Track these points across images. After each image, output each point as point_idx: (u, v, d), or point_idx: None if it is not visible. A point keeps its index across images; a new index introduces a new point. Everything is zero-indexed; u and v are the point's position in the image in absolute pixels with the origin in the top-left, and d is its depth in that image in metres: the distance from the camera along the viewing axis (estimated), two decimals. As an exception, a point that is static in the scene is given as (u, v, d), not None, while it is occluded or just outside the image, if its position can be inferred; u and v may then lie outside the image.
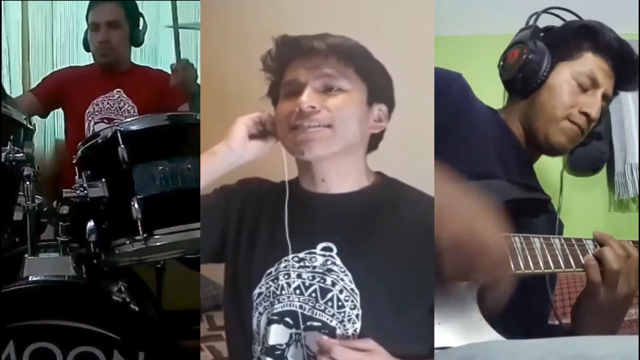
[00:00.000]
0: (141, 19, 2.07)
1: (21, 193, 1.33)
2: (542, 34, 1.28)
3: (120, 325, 1.26)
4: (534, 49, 1.23)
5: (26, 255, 1.31)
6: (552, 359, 0.80)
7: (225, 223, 1.01)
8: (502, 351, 0.87)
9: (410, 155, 1.25)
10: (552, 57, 1.23)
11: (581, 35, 1.25)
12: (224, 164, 0.95)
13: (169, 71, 1.94)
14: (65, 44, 2.38)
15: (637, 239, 1.13)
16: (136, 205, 1.33)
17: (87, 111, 2.01)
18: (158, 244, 1.35)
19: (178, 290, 1.66)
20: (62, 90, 2.06)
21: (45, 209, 1.44)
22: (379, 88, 0.98)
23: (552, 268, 1.04)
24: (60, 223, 1.35)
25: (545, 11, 1.29)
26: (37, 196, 1.33)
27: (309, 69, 0.94)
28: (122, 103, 2.02)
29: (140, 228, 1.33)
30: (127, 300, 1.28)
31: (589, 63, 1.23)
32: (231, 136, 0.95)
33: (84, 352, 1.25)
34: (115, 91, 2.03)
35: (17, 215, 1.36)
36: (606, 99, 1.25)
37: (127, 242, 1.35)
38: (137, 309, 1.28)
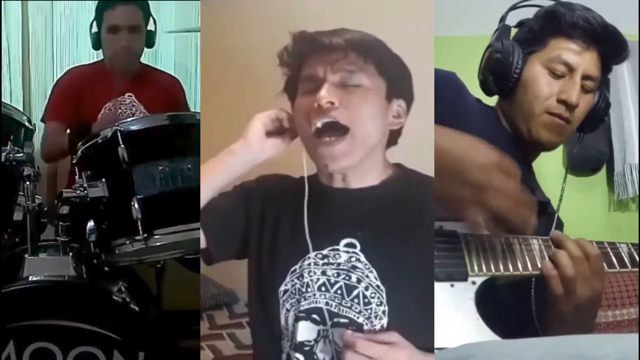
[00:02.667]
0: (151, 20, 2.04)
1: (21, 193, 1.33)
2: (517, 30, 1.26)
3: (120, 325, 1.26)
4: (500, 49, 1.20)
5: (26, 255, 1.31)
6: (551, 358, 0.80)
7: (247, 220, 1.01)
8: (499, 351, 0.87)
9: (410, 155, 1.25)
10: (523, 51, 1.20)
11: (546, 22, 1.20)
12: (243, 162, 0.95)
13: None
14: (65, 44, 2.38)
15: (637, 239, 1.12)
16: (136, 205, 1.33)
17: (100, 115, 1.97)
18: (158, 244, 1.35)
19: (178, 290, 1.66)
20: (74, 101, 1.99)
21: (45, 209, 1.44)
22: (397, 83, 0.96)
23: None
24: (60, 223, 1.35)
25: (512, 9, 1.25)
26: (37, 196, 1.33)
27: (328, 64, 0.93)
28: (134, 109, 2.00)
29: (140, 228, 1.33)
30: (127, 300, 1.28)
31: (556, 48, 1.18)
32: (249, 134, 0.95)
33: (84, 352, 1.25)
34: (126, 95, 2.01)
35: (17, 215, 1.36)
36: (591, 78, 1.18)
37: (127, 242, 1.35)
38: (137, 309, 1.28)
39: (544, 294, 1.03)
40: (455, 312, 0.95)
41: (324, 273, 0.93)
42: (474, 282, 0.99)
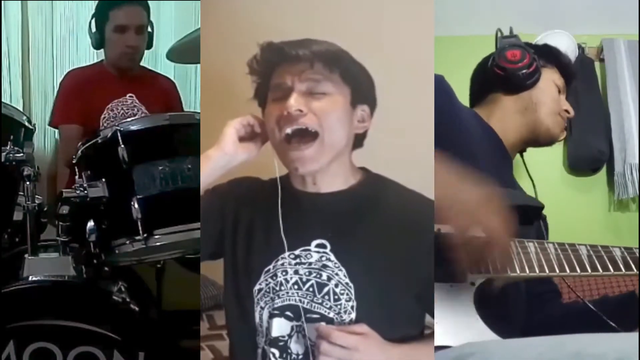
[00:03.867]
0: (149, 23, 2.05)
1: (21, 193, 1.33)
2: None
3: (120, 325, 1.26)
4: (534, 52, 1.38)
5: (26, 255, 1.31)
6: (551, 357, 0.80)
7: (222, 222, 1.06)
8: (499, 350, 0.87)
9: (410, 154, 1.25)
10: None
11: (547, 53, 1.46)
12: (218, 166, 1.00)
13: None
14: (65, 44, 2.38)
15: (637, 239, 1.13)
16: (136, 205, 1.34)
17: (102, 116, 1.98)
18: (158, 244, 1.35)
19: (178, 290, 1.66)
20: (80, 100, 2.00)
21: (45, 209, 1.44)
22: (361, 90, 1.02)
23: (547, 272, 1.06)
24: (60, 223, 1.35)
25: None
26: (37, 196, 1.33)
27: (296, 74, 0.98)
28: (135, 109, 2.01)
29: (140, 228, 1.33)
30: (127, 300, 1.28)
31: (556, 73, 1.44)
32: (223, 140, 1.00)
33: (84, 352, 1.25)
34: (128, 96, 2.02)
35: (17, 215, 1.36)
36: None
37: (127, 242, 1.35)
38: (137, 309, 1.29)
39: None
40: (454, 312, 0.96)
41: (296, 272, 0.98)
42: (472, 283, 1.01)
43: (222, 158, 0.99)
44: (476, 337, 0.94)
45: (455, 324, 0.96)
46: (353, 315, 0.95)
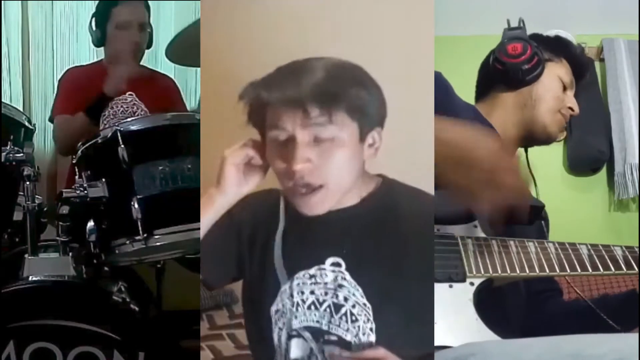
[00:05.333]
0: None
1: (21, 193, 1.33)
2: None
3: (120, 325, 1.26)
4: (537, 45, 1.34)
5: (26, 255, 1.31)
6: (550, 357, 0.80)
7: (239, 245, 1.03)
8: (499, 350, 0.87)
9: (410, 155, 1.25)
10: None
11: (557, 44, 1.42)
12: (221, 208, 0.96)
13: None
14: (65, 43, 2.38)
15: (637, 239, 1.13)
16: (136, 205, 1.33)
17: (103, 114, 1.98)
18: (158, 244, 1.35)
19: (178, 290, 1.66)
20: (80, 95, 1.99)
21: (45, 209, 1.44)
22: (371, 118, 0.93)
23: (547, 271, 1.05)
24: (60, 223, 1.35)
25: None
26: (37, 196, 1.33)
27: (294, 119, 0.89)
28: (135, 107, 2.02)
29: (140, 228, 1.33)
30: (127, 300, 1.28)
31: (566, 66, 1.40)
32: (224, 182, 0.94)
33: (84, 352, 1.25)
34: (127, 94, 2.02)
35: (17, 215, 1.36)
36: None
37: (127, 242, 1.35)
38: (137, 309, 1.29)
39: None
40: (454, 312, 0.96)
41: (312, 292, 0.95)
42: (472, 283, 1.00)
43: (225, 200, 0.95)
44: (476, 337, 0.94)
45: (455, 324, 0.95)
46: (372, 338, 0.91)
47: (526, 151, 1.45)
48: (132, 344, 1.26)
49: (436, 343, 0.92)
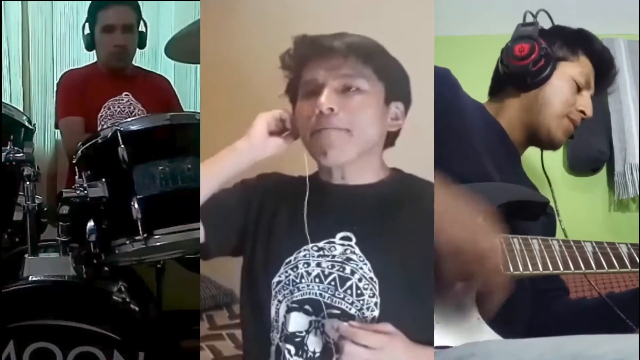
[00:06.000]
0: (142, 22, 2.07)
1: (21, 193, 1.33)
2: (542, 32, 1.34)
3: (120, 325, 1.26)
4: (546, 45, 1.30)
5: (26, 255, 1.31)
6: (551, 357, 0.80)
7: (245, 216, 1.02)
8: (500, 350, 0.87)
9: (410, 155, 1.25)
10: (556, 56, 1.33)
11: (577, 40, 1.36)
12: (246, 159, 0.97)
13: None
14: (65, 43, 2.38)
15: (638, 239, 1.13)
16: (136, 205, 1.34)
17: (100, 115, 1.99)
18: (158, 244, 1.35)
19: (178, 290, 1.66)
20: (79, 96, 2.02)
21: (45, 209, 1.44)
22: (396, 86, 0.98)
23: (551, 269, 1.04)
24: (60, 223, 1.35)
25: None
26: (37, 196, 1.33)
27: (328, 69, 0.94)
28: (132, 107, 2.02)
29: (140, 228, 1.33)
30: (127, 300, 1.28)
31: (585, 66, 1.34)
32: (252, 133, 0.96)
33: (84, 352, 1.25)
34: (123, 94, 2.03)
35: (17, 215, 1.36)
36: (592, 100, 1.36)
37: (127, 242, 1.35)
38: (137, 309, 1.29)
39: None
40: (454, 312, 0.95)
41: (318, 265, 0.94)
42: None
43: (250, 150, 0.96)
44: (477, 337, 0.94)
45: (455, 324, 0.95)
46: (376, 313, 0.90)
47: (541, 152, 1.43)
48: (132, 344, 1.26)
49: (437, 343, 0.91)
